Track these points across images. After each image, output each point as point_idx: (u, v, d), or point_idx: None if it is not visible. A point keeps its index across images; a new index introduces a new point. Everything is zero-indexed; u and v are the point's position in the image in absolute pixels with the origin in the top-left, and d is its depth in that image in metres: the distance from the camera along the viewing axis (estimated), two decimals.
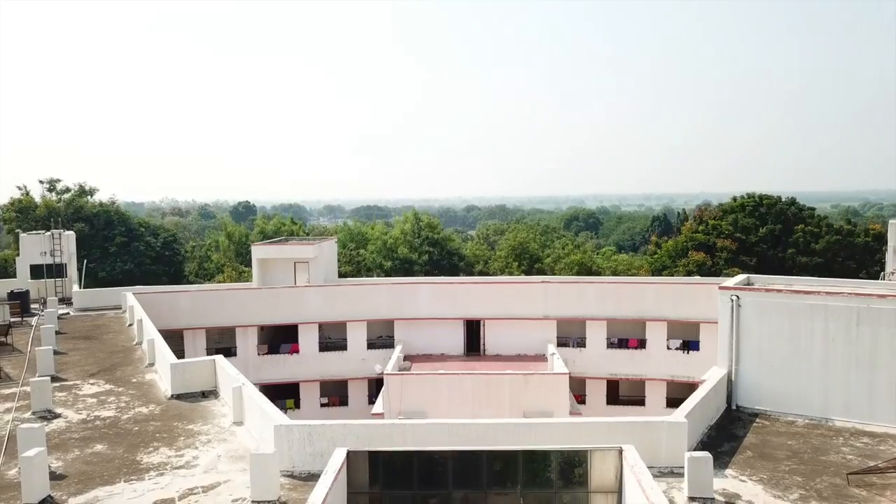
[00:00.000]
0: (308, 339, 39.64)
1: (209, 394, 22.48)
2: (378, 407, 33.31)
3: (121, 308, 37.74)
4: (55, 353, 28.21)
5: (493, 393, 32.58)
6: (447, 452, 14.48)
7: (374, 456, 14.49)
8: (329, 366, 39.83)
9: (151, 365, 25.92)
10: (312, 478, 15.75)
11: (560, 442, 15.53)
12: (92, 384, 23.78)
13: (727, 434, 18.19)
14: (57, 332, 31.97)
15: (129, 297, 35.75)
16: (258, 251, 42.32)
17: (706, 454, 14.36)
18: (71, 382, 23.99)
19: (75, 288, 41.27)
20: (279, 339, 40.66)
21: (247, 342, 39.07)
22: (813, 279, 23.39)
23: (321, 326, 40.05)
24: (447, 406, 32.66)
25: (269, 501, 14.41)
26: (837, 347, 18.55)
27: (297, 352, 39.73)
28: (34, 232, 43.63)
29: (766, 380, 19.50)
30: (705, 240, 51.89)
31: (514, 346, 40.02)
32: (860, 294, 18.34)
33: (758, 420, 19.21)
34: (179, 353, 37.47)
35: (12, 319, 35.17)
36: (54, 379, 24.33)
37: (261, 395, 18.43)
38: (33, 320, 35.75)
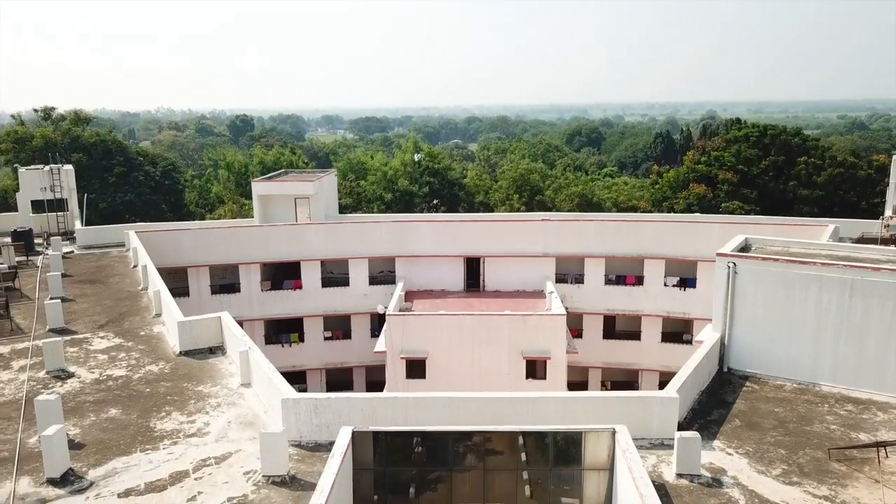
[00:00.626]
0: (310, 275, 40.22)
1: (216, 350, 23.15)
2: (380, 345, 34.20)
3: (124, 246, 38.10)
4: (63, 300, 28.81)
5: (492, 333, 33.42)
6: (447, 433, 15.15)
7: (377, 435, 15.19)
8: (332, 301, 40.60)
9: (158, 315, 26.50)
10: (319, 447, 16.54)
11: (556, 416, 16.20)
12: (102, 338, 24.41)
13: (717, 400, 18.88)
14: (63, 275, 32.47)
15: (132, 237, 36.06)
16: (259, 187, 42.29)
17: (695, 435, 15.02)
18: (81, 336, 24.60)
19: (77, 225, 41.48)
20: (282, 275, 41.25)
21: (250, 278, 39.66)
22: (812, 240, 23.60)
23: (323, 262, 40.56)
24: (447, 346, 33.60)
25: (279, 476, 15.17)
26: (829, 316, 18.98)
27: (300, 287, 40.38)
28: (33, 167, 43.39)
29: (759, 344, 20.05)
30: (707, 171, 51.58)
31: (513, 283, 40.62)
32: (855, 266, 18.59)
33: (748, 384, 19.88)
34: (184, 291, 38.28)
35: (18, 258, 35.61)
36: (64, 331, 25.01)
37: (267, 361, 19.00)
38: (38, 260, 36.20)
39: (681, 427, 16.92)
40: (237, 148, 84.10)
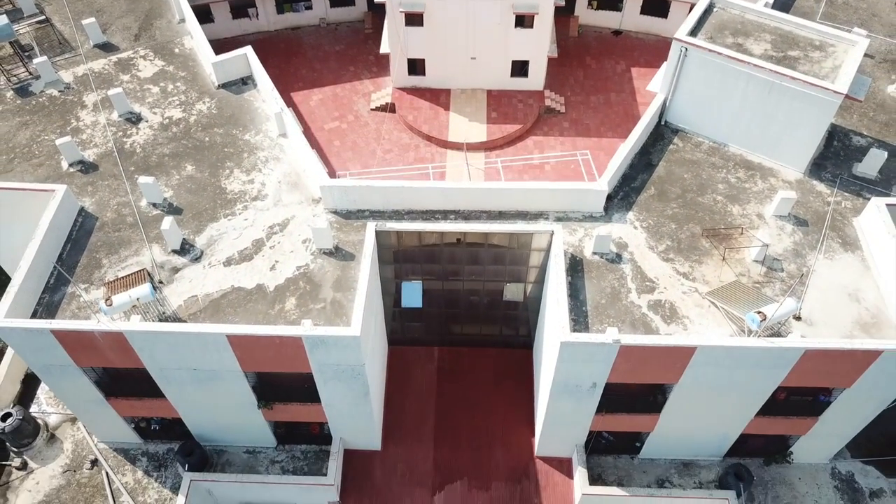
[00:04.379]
0: None
1: (247, 80, 27.45)
2: None
3: None
4: None
5: None
6: (438, 232, 22.03)
7: (392, 232, 22.12)
8: None
9: (182, 21, 29.45)
10: (350, 215, 23.35)
11: (517, 201, 22.68)
12: (143, 58, 28.22)
13: (646, 163, 24.64)
14: None
15: None
16: None
17: (608, 235, 21.69)
18: (125, 55, 28.34)
19: None
20: None
21: None
22: (766, 10, 25.47)
23: None
24: None
25: (327, 248, 22.39)
26: (750, 102, 23.32)
27: None
28: None
29: (692, 109, 24.74)
30: None
31: None
32: (778, 72, 22.18)
33: (675, 140, 25.29)
34: None
35: None
36: (107, 46, 28.69)
37: (302, 137, 24.13)
38: None
39: (609, 198, 23.43)
40: None
